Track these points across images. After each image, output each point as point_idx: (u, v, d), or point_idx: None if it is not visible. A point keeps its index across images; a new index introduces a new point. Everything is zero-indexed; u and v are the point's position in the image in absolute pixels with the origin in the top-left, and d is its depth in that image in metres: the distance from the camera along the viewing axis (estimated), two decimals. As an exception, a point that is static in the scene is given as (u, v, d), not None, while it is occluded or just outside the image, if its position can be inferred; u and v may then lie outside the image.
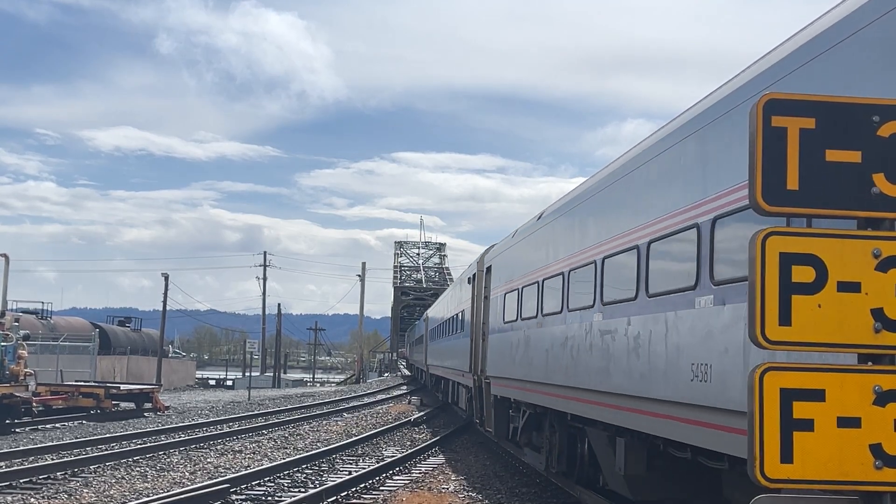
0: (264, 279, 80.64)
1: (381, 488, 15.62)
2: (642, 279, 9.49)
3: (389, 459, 18.54)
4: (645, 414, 9.30)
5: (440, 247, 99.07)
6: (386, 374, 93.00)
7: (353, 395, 47.92)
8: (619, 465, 10.64)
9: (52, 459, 17.76)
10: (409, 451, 20.18)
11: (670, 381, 8.65)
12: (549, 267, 14.01)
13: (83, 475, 16.26)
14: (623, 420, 9.99)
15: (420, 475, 17.18)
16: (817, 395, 3.58)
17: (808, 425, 3.55)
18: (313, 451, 19.59)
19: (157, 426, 26.07)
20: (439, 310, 36.64)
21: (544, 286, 14.22)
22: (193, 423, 26.96)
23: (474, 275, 22.91)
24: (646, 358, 9.28)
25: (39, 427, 26.31)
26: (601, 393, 10.75)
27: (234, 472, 16.45)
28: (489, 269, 20.57)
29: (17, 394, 25.83)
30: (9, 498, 13.83)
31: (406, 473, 17.44)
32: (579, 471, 13.35)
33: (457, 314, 27.40)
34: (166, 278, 65.15)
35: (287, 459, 18.04)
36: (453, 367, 28.23)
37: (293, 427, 26.93)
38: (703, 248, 7.95)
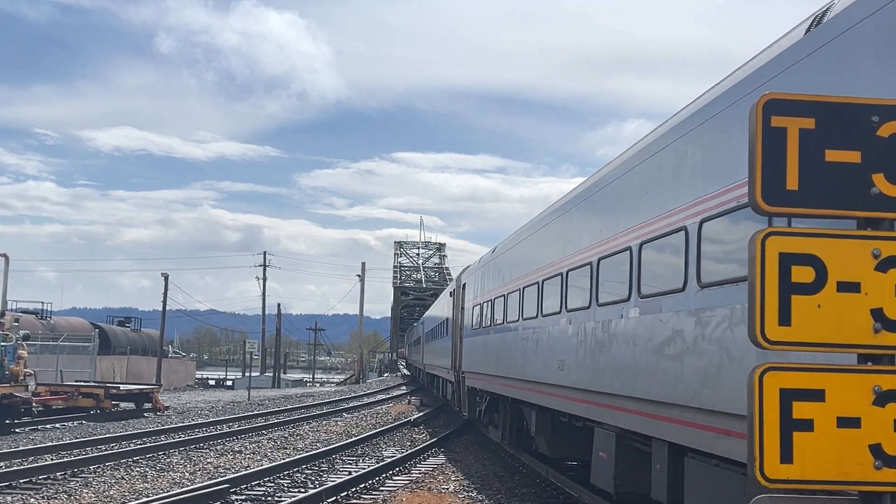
0: (264, 279, 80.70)
1: (381, 488, 15.62)
2: (541, 304, 14.40)
3: (389, 460, 18.54)
4: (546, 395, 13.85)
5: (440, 247, 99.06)
6: (386, 375, 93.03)
7: (353, 395, 47.93)
8: (533, 429, 15.51)
9: (52, 459, 17.76)
10: (409, 451, 20.18)
11: (551, 371, 13.20)
12: (493, 291, 19.83)
13: (83, 475, 16.27)
14: (538, 400, 14.60)
15: (420, 475, 17.19)
16: (817, 396, 3.58)
17: (807, 425, 3.55)
18: (313, 452, 19.59)
19: (157, 426, 26.07)
20: (431, 316, 41.77)
21: (494, 303, 19.54)
22: (193, 423, 26.96)
23: (454, 290, 28.02)
24: (539, 354, 14.23)
25: (39, 427, 26.31)
26: (524, 381, 15.63)
27: (233, 473, 16.46)
28: (464, 286, 25.56)
29: (16, 394, 25.83)
30: (9, 498, 13.83)
31: (406, 474, 17.44)
32: (523, 440, 17.73)
33: (443, 321, 32.03)
34: (166, 278, 65.18)
35: (287, 460, 18.04)
36: (441, 366, 33.14)
37: (293, 427, 26.93)
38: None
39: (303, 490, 14.85)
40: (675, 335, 8.38)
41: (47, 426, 26.73)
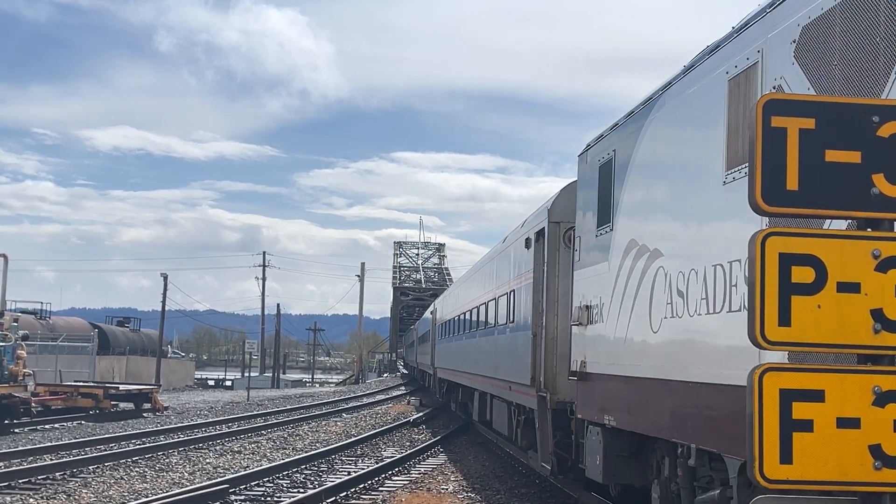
0: (263, 279, 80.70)
1: (381, 489, 15.62)
2: (473, 324, 23.70)
3: (389, 460, 18.54)
4: (472, 380, 23.58)
5: (440, 247, 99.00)
6: (385, 375, 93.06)
7: (353, 395, 47.94)
8: (473, 404, 24.28)
9: (51, 460, 17.76)
10: (409, 451, 20.18)
11: (489, 366, 19.85)
12: (449, 314, 31.19)
13: (82, 475, 16.26)
14: (468, 383, 24.52)
15: (419, 476, 17.19)
16: (817, 396, 3.58)
17: (807, 426, 3.55)
18: (312, 452, 19.59)
19: (156, 426, 26.07)
20: (421, 325, 52.22)
21: (448, 322, 30.93)
22: (192, 423, 26.96)
23: (433, 310, 40.77)
24: (480, 358, 21.52)
25: (38, 427, 26.30)
26: (463, 373, 25.31)
27: (233, 473, 16.45)
28: (436, 307, 38.74)
29: (15, 394, 25.82)
30: (8, 498, 13.82)
31: (405, 474, 17.44)
32: (465, 412, 27.60)
33: (427, 331, 42.91)
34: (165, 278, 65.18)
35: (286, 460, 18.04)
36: (425, 363, 44.36)
37: (292, 427, 26.93)
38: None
39: (302, 490, 14.84)
40: (505, 346, 17.97)
41: (46, 426, 26.72)
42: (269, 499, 14.20)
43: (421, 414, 30.82)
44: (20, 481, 15.27)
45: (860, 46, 5.79)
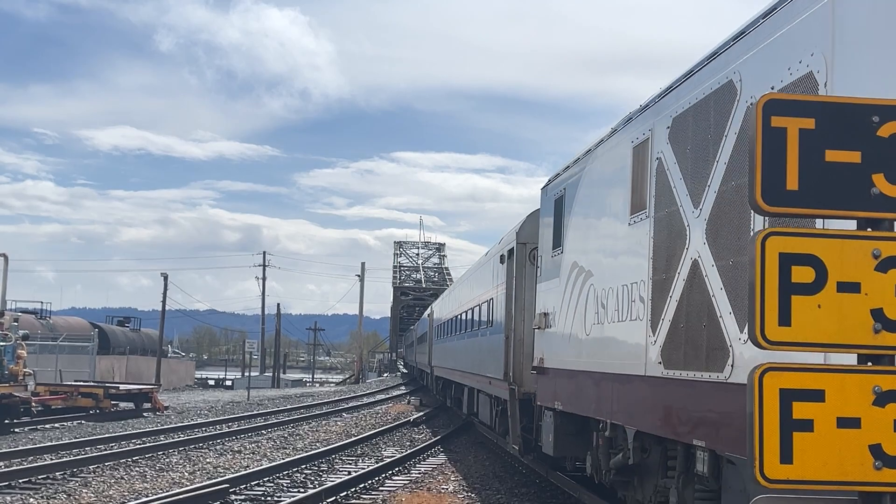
0: (263, 279, 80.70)
1: (381, 489, 15.63)
2: (463, 326, 26.34)
3: (389, 460, 18.54)
4: (462, 377, 25.79)
5: (440, 247, 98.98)
6: (385, 375, 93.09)
7: (353, 395, 47.94)
8: (463, 398, 27.06)
9: (51, 459, 17.76)
10: (409, 451, 20.18)
11: (474, 363, 22.41)
12: (443, 318, 34.40)
13: (82, 475, 16.26)
14: (459, 379, 27.13)
15: (419, 475, 17.19)
16: (817, 396, 3.58)
17: (807, 426, 3.55)
18: (312, 452, 19.60)
19: (157, 426, 26.07)
20: (419, 327, 54.87)
21: (443, 325, 34.22)
22: (192, 423, 26.97)
23: (430, 312, 43.76)
24: (468, 357, 24.00)
25: (38, 427, 26.31)
26: (454, 370, 27.99)
27: (233, 473, 16.46)
28: (433, 311, 42.17)
29: (16, 394, 25.82)
30: (8, 498, 13.83)
31: (405, 474, 17.44)
32: (459, 406, 29.02)
33: (425, 332, 45.31)
34: (165, 278, 65.19)
35: (286, 459, 18.04)
36: (424, 363, 46.60)
37: (292, 427, 26.94)
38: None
39: (302, 490, 14.85)
40: (485, 346, 20.50)
41: (46, 426, 26.73)
42: (269, 499, 14.20)
43: (421, 414, 30.82)
44: (20, 481, 15.28)
45: (701, 138, 7.93)
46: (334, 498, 14.13)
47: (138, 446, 20.03)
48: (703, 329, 7.62)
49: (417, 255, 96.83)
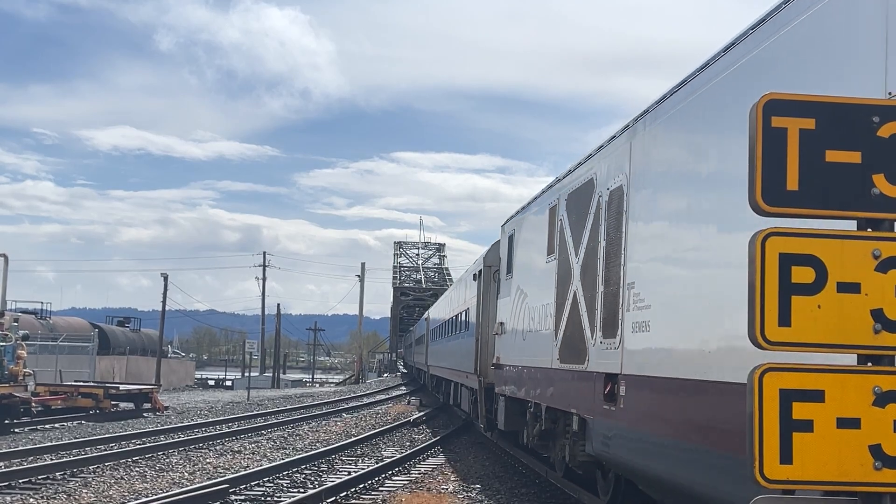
0: (263, 279, 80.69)
1: (381, 489, 15.62)
2: (449, 330, 31.36)
3: (389, 460, 18.54)
4: (456, 375, 28.22)
5: (440, 247, 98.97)
6: (385, 375, 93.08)
7: (353, 395, 47.94)
8: (450, 392, 31.39)
9: (51, 460, 17.76)
10: (409, 451, 20.18)
11: (456, 361, 27.39)
12: (436, 322, 39.44)
13: (82, 475, 16.26)
14: (447, 376, 32.03)
15: (419, 476, 17.19)
16: (817, 396, 3.58)
17: (807, 426, 3.55)
18: (312, 452, 19.59)
19: (157, 426, 26.07)
20: (417, 330, 59.99)
21: (437, 328, 37.95)
22: (192, 423, 26.96)
23: (427, 317, 48.09)
24: (452, 357, 29.10)
25: (38, 427, 26.31)
26: (445, 368, 32.56)
27: (233, 473, 16.45)
28: (429, 315, 46.44)
29: (16, 394, 25.82)
30: (8, 498, 13.83)
31: (405, 474, 17.44)
32: (448, 399, 32.93)
33: (422, 334, 49.31)
34: (165, 278, 65.19)
35: (286, 460, 18.04)
36: (421, 362, 51.03)
37: (292, 427, 26.94)
38: (468, 316, 24.52)
39: (302, 490, 14.85)
40: (464, 347, 25.03)
41: (46, 426, 26.73)
42: (269, 499, 14.20)
43: (421, 414, 30.82)
44: (20, 481, 15.27)
45: (580, 211, 11.90)
46: (334, 498, 14.13)
47: (138, 446, 20.03)
48: (577, 337, 11.53)
49: (417, 255, 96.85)
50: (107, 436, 22.45)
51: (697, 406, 7.53)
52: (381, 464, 17.91)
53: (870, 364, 3.67)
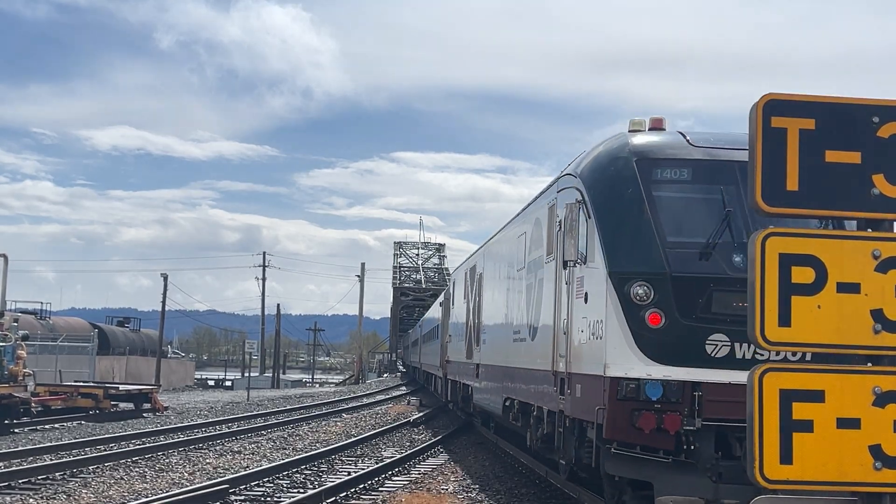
0: (263, 279, 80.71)
1: (381, 489, 15.62)
2: (430, 336, 41.54)
3: (389, 460, 18.53)
4: (433, 369, 38.50)
5: (440, 247, 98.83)
6: (385, 375, 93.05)
7: (353, 395, 47.94)
8: (430, 381, 42.32)
9: (51, 460, 17.75)
10: (409, 451, 20.18)
11: (432, 360, 39.49)
12: (425, 329, 47.25)
13: (82, 475, 16.26)
14: (430, 370, 41.55)
15: (419, 476, 17.18)
16: (817, 396, 3.58)
17: (807, 426, 3.55)
18: (312, 452, 19.59)
19: (156, 427, 26.07)
20: (413, 333, 65.04)
21: (424, 334, 46.88)
22: (192, 423, 26.96)
23: (420, 324, 54.85)
24: (432, 356, 39.12)
25: (38, 427, 26.30)
26: (432, 365, 39.76)
27: (233, 473, 16.45)
28: (423, 321, 52.00)
29: (15, 394, 25.81)
30: (7, 498, 13.82)
31: (405, 474, 17.43)
32: (430, 387, 42.75)
33: (417, 337, 55.11)
34: (165, 278, 65.19)
35: (286, 460, 18.03)
36: (415, 361, 57.26)
37: (292, 428, 26.94)
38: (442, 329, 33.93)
39: (302, 490, 14.84)
40: (435, 350, 37.16)
41: (46, 426, 26.72)
42: (269, 499, 14.20)
43: (421, 414, 30.82)
44: (20, 481, 15.26)
45: (470, 280, 23.45)
46: (334, 498, 14.13)
47: (138, 447, 20.02)
48: (468, 345, 23.32)
49: (417, 255, 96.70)
50: (107, 436, 22.44)
51: (500, 375, 17.14)
52: (381, 464, 17.90)
53: (870, 364, 3.67)
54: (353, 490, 15.01)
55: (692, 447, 9.60)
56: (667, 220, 10.24)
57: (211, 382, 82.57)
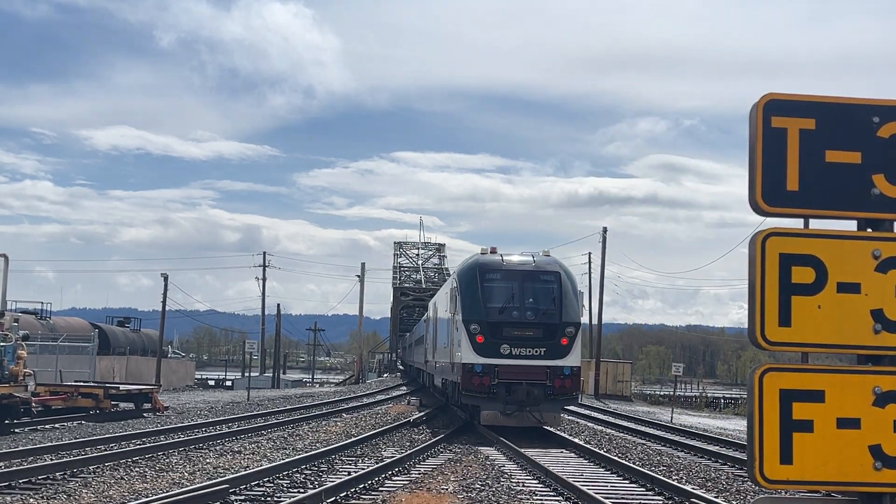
0: (263, 279, 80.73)
1: (381, 489, 15.63)
2: (421, 341, 48.87)
3: (389, 460, 18.54)
4: (423, 366, 47.05)
5: (440, 247, 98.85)
6: (385, 375, 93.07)
7: (353, 395, 47.96)
8: (421, 376, 51.88)
9: (52, 460, 17.76)
10: (409, 451, 20.18)
11: (421, 359, 48.16)
12: (419, 333, 53.87)
13: (82, 475, 16.27)
14: (421, 367, 49.80)
15: (419, 476, 17.19)
16: (817, 396, 3.58)
17: (807, 426, 3.55)
18: (312, 452, 19.59)
19: (157, 426, 26.08)
20: (410, 336, 68.90)
21: (418, 338, 54.76)
22: (193, 423, 26.97)
23: (418, 327, 58.15)
24: (420, 356, 48.30)
25: (38, 427, 26.32)
26: (420, 362, 50.20)
27: (233, 473, 16.45)
28: (415, 330, 61.36)
29: (16, 394, 25.83)
30: (8, 498, 13.83)
31: (405, 474, 17.44)
32: (420, 378, 53.48)
33: (416, 339, 58.27)
34: (165, 278, 65.24)
35: (286, 460, 18.04)
36: (410, 360, 64.05)
37: (292, 427, 26.94)
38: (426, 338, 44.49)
39: (302, 490, 14.85)
40: (421, 352, 47.87)
41: (46, 426, 26.73)
42: (269, 499, 14.20)
43: (421, 414, 30.83)
44: (20, 481, 15.28)
45: (427, 321, 42.77)
46: (334, 498, 14.14)
47: (138, 447, 20.03)
48: (427, 354, 40.30)
49: (417, 255, 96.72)
50: (107, 436, 22.45)
51: (441, 367, 31.04)
52: (381, 464, 17.91)
53: (870, 364, 3.67)
54: (353, 490, 15.02)
55: (494, 391, 24.48)
56: (486, 296, 25.38)
57: (211, 382, 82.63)
